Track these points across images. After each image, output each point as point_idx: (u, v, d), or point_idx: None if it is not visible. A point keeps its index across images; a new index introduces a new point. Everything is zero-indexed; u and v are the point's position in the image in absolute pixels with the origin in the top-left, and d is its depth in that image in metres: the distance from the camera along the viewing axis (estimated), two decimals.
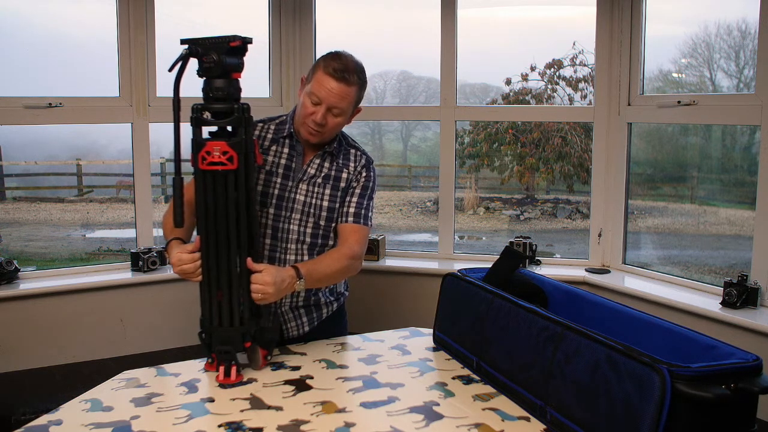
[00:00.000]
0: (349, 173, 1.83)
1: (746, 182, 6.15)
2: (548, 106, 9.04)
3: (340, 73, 1.68)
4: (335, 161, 1.83)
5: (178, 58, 1.40)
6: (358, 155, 1.86)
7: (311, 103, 1.70)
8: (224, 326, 1.51)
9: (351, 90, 1.71)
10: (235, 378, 1.48)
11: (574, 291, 1.62)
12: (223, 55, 1.43)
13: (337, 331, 1.90)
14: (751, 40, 3.01)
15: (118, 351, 2.74)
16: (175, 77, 1.39)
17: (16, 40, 7.12)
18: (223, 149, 1.44)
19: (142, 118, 2.84)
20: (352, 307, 2.05)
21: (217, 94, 1.46)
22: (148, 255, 2.81)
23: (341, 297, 1.96)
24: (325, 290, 1.88)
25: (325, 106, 1.69)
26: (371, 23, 9.58)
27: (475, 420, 1.30)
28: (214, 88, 1.46)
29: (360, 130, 12.78)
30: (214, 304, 1.51)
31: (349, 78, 1.69)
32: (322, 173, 1.81)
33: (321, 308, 1.88)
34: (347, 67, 1.69)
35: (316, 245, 1.82)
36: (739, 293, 2.31)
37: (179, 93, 1.40)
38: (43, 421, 1.29)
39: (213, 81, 1.46)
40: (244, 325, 1.52)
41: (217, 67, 1.44)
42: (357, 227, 1.80)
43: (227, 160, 1.44)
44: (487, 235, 10.48)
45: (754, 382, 1.09)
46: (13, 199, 11.59)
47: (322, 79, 1.68)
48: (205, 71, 1.46)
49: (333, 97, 1.69)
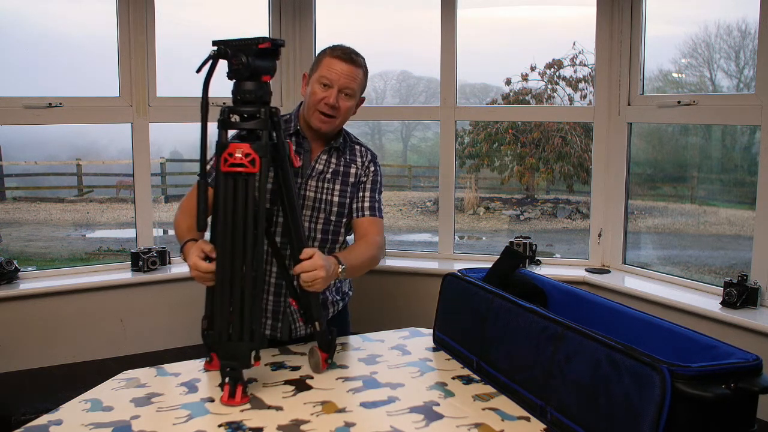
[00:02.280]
0: (357, 168, 1.86)
1: (746, 182, 6.15)
2: (548, 106, 9.04)
3: (347, 55, 1.73)
4: (342, 156, 1.85)
5: (205, 60, 1.38)
6: (363, 151, 1.90)
7: (322, 88, 1.73)
8: (233, 340, 1.39)
9: (359, 71, 1.76)
10: (240, 400, 1.36)
11: (574, 291, 1.62)
12: (252, 57, 1.40)
13: (341, 330, 1.90)
14: (751, 40, 3.01)
15: (118, 351, 2.74)
16: (204, 79, 1.37)
17: (16, 40, 7.12)
18: (245, 151, 1.39)
19: (142, 118, 2.84)
20: (352, 307, 2.06)
21: (245, 96, 1.43)
22: (148, 255, 2.81)
23: (346, 297, 1.97)
24: (332, 289, 1.89)
25: (337, 87, 1.73)
26: (371, 23, 9.59)
27: (475, 420, 1.30)
28: (242, 90, 1.43)
29: (360, 130, 12.77)
30: (222, 315, 1.41)
31: (356, 59, 1.75)
32: (330, 169, 1.83)
33: (327, 307, 1.90)
34: (352, 50, 1.76)
35: (327, 241, 1.83)
36: (739, 293, 2.31)
37: (208, 95, 1.37)
38: (43, 421, 1.29)
39: (241, 83, 1.43)
40: (254, 340, 1.38)
41: (245, 70, 1.40)
42: (374, 220, 1.84)
43: (249, 162, 1.39)
44: (487, 235, 10.48)
45: (754, 381, 1.09)
46: (13, 199, 11.60)
47: (331, 62, 1.73)
48: (233, 73, 1.42)
49: (343, 77, 1.73)
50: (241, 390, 1.38)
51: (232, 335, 1.39)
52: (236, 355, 1.38)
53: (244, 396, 1.38)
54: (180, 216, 1.78)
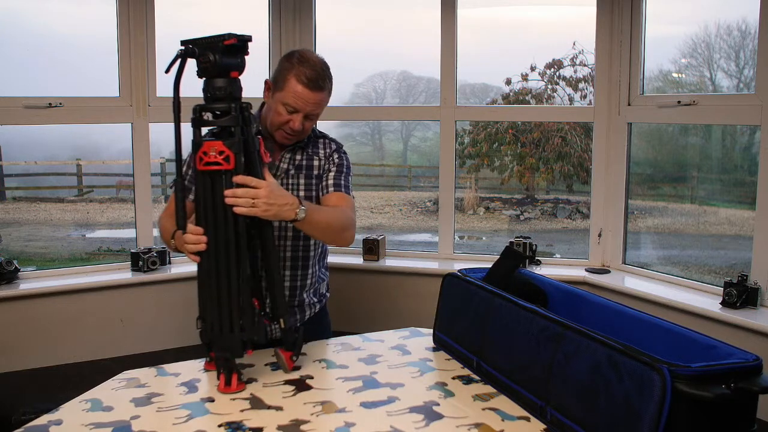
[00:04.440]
0: (320, 160, 1.85)
1: (746, 182, 6.15)
2: (548, 106, 9.05)
3: (314, 83, 1.69)
4: (305, 151, 1.85)
5: (173, 59, 1.40)
6: (326, 142, 1.88)
7: (287, 112, 1.71)
8: (224, 333, 1.45)
9: (325, 94, 1.74)
10: (235, 387, 1.43)
11: (574, 291, 1.62)
12: (219, 54, 1.41)
13: (320, 331, 1.91)
14: (751, 40, 3.01)
15: (118, 351, 2.74)
16: (175, 78, 1.39)
17: (16, 40, 7.11)
18: (219, 149, 1.42)
19: (142, 118, 2.84)
20: (352, 307, 2.06)
21: (215, 94, 1.44)
22: (148, 255, 2.81)
23: (323, 298, 1.98)
24: (309, 291, 1.90)
25: (302, 114, 1.72)
26: (371, 23, 9.59)
27: (475, 420, 1.30)
28: (212, 87, 1.45)
29: (360, 130, 12.79)
30: (213, 309, 1.46)
31: (322, 85, 1.71)
32: (294, 165, 1.83)
33: (305, 309, 1.90)
34: (318, 73, 1.70)
35: (299, 238, 1.83)
36: (739, 293, 2.31)
37: (179, 94, 1.39)
38: (43, 421, 1.29)
39: (211, 81, 1.45)
40: (245, 331, 1.45)
41: (213, 67, 1.42)
42: (341, 194, 1.80)
43: (223, 159, 1.42)
44: (487, 235, 10.48)
45: (754, 382, 1.09)
46: (13, 199, 11.60)
47: (296, 89, 1.68)
48: (202, 71, 1.45)
49: (310, 106, 1.71)
50: (236, 378, 1.44)
51: (223, 328, 1.45)
52: (229, 346, 1.45)
53: (239, 383, 1.45)
54: (164, 217, 1.81)
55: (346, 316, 2.80)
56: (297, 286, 1.87)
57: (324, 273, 1.99)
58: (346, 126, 10.10)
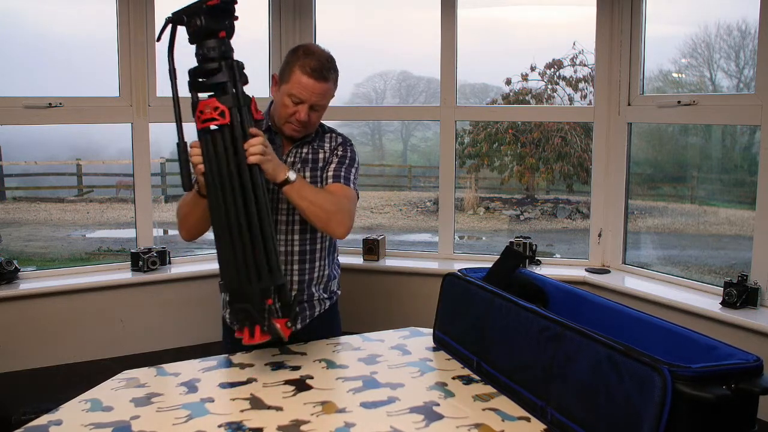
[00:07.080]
0: (325, 153, 1.86)
1: (746, 182, 6.15)
2: (548, 106, 9.05)
3: (318, 73, 1.72)
4: (311, 146, 1.87)
5: (162, 27, 1.47)
6: (333, 137, 1.90)
7: (293, 103, 1.74)
8: (243, 285, 1.46)
9: (330, 85, 1.77)
10: (259, 337, 1.44)
11: (574, 291, 1.62)
12: (204, 16, 1.45)
13: (330, 331, 1.90)
14: (751, 40, 3.01)
15: (118, 351, 2.73)
16: (168, 47, 1.47)
17: (16, 41, 7.11)
18: (213, 105, 1.46)
19: (142, 118, 2.84)
20: (352, 307, 2.06)
21: (207, 54, 1.48)
22: (148, 255, 2.81)
23: (334, 296, 1.97)
24: (319, 287, 1.90)
25: (308, 105, 1.74)
26: (371, 23, 9.59)
27: (475, 420, 1.30)
28: (203, 48, 1.48)
29: (360, 130, 12.78)
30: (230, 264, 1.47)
31: (327, 75, 1.74)
32: (300, 158, 1.84)
33: (314, 306, 1.90)
34: (323, 64, 1.73)
35: (306, 231, 1.83)
36: (739, 293, 2.30)
37: (174, 62, 1.49)
38: (43, 421, 1.29)
39: (202, 43, 1.49)
40: (262, 280, 1.45)
41: (201, 30, 1.46)
42: (339, 185, 1.80)
43: (219, 115, 1.46)
44: (487, 235, 10.48)
45: (755, 382, 1.08)
46: (13, 199, 11.60)
47: (301, 80, 1.72)
48: (192, 37, 1.49)
49: (315, 96, 1.73)
50: (259, 329, 1.44)
51: (242, 280, 1.45)
52: (247, 298, 1.45)
53: (263, 334, 1.44)
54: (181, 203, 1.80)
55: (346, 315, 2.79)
56: (305, 280, 1.86)
57: (335, 270, 1.98)
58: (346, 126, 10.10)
